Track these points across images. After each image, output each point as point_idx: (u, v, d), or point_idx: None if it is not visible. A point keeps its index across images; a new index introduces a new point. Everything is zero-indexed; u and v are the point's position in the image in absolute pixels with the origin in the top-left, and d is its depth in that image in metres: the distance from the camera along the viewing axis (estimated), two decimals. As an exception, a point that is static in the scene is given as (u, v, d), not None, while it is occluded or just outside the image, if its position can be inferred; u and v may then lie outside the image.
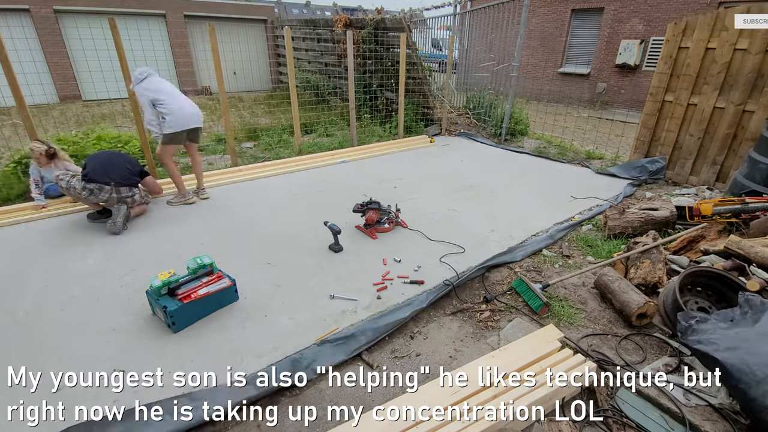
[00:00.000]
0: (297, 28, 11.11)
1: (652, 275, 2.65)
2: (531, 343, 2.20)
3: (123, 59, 4.36)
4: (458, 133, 7.35)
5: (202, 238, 3.48)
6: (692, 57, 4.47)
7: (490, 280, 2.95)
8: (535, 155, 6.14)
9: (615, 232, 3.43)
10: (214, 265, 2.64)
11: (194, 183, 4.46)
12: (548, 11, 12.41)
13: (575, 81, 12.27)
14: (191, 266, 2.55)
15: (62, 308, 2.59)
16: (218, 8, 13.16)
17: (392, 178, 5.03)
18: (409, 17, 8.94)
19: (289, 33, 5.37)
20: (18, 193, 4.26)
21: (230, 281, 2.60)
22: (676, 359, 2.15)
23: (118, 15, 10.54)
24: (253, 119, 8.57)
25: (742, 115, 4.25)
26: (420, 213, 3.99)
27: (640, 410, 1.90)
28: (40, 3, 10.60)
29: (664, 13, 10.05)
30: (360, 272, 3.00)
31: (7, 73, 3.91)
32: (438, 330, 2.47)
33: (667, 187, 4.80)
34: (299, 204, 4.24)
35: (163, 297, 2.41)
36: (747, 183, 3.68)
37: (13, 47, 4.43)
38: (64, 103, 10.99)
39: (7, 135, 6.74)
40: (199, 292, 2.45)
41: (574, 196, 4.44)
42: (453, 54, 7.29)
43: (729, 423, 1.80)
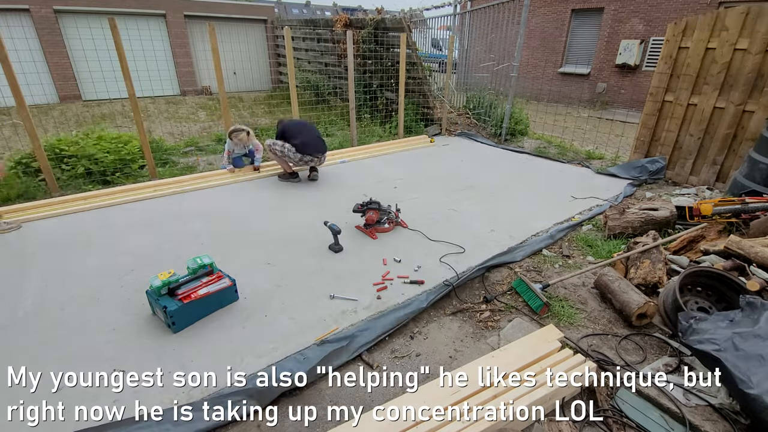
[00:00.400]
0: (297, 28, 11.11)
1: (652, 275, 2.65)
2: (531, 343, 2.20)
3: (123, 59, 4.37)
4: (458, 133, 7.35)
5: (202, 238, 3.48)
6: (692, 57, 4.47)
7: (490, 280, 2.95)
8: (535, 155, 6.14)
9: (615, 232, 3.43)
10: (214, 265, 2.63)
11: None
12: (548, 11, 12.41)
13: (575, 81, 12.27)
14: (191, 266, 2.55)
15: (62, 308, 2.59)
16: (218, 8, 13.16)
17: (392, 178, 5.03)
18: (409, 17, 8.93)
19: (289, 33, 5.37)
20: (18, 193, 4.26)
21: (230, 281, 2.60)
22: (676, 359, 2.15)
23: (118, 15, 10.55)
24: (253, 119, 8.57)
25: (742, 115, 4.25)
26: (420, 213, 3.99)
27: (640, 410, 1.90)
28: (40, 3, 10.60)
29: (664, 13, 10.05)
30: (360, 272, 3.00)
31: (7, 73, 3.91)
32: (438, 330, 2.47)
33: (667, 187, 4.80)
34: (299, 204, 4.24)
35: (163, 297, 2.40)
36: (747, 183, 3.67)
37: (13, 47, 4.43)
38: (64, 103, 10.99)
39: (7, 135, 6.74)
40: (199, 292, 2.45)
41: (574, 196, 4.44)
42: (453, 54, 7.29)
43: (729, 423, 1.80)
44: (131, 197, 4.27)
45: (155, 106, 10.66)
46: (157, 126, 7.84)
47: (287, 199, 4.36)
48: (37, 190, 4.37)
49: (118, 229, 3.66)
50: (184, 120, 8.97)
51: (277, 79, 13.80)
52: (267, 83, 13.95)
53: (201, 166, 5.36)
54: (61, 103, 11.06)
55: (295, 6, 34.55)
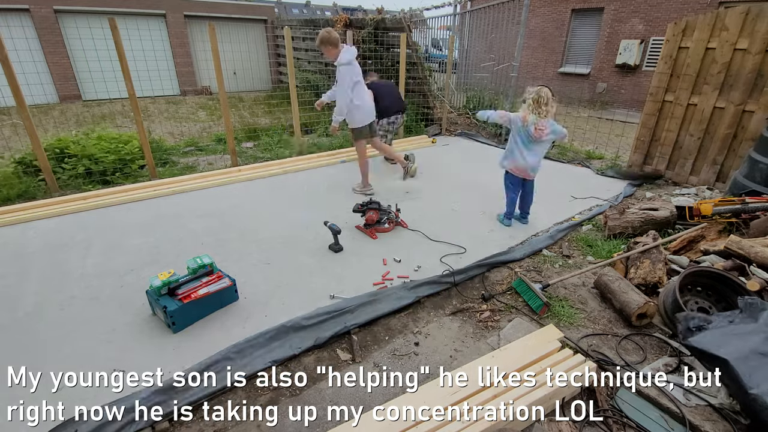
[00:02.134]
0: (297, 28, 11.11)
1: (652, 275, 2.65)
2: (531, 343, 2.20)
3: (123, 59, 4.37)
4: (458, 133, 7.35)
5: (202, 238, 3.48)
6: (692, 57, 4.47)
7: (490, 280, 2.95)
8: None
9: (615, 232, 3.43)
10: (214, 265, 2.63)
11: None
12: (548, 11, 12.40)
13: (575, 81, 12.27)
14: (191, 266, 2.54)
15: (62, 308, 2.59)
16: (218, 8, 13.17)
17: (392, 177, 5.03)
18: (409, 17, 8.93)
19: (289, 33, 5.37)
20: (18, 193, 4.26)
21: (230, 281, 2.59)
22: (676, 359, 2.15)
23: (118, 15, 10.54)
24: (253, 119, 8.58)
25: (742, 115, 4.24)
26: (420, 213, 3.99)
27: (640, 410, 1.90)
28: (40, 3, 10.61)
29: (664, 13, 10.05)
30: (360, 272, 3.00)
31: (7, 73, 3.91)
32: (438, 330, 2.47)
33: (667, 187, 4.80)
34: (300, 203, 4.24)
35: (163, 297, 2.40)
36: (747, 183, 3.67)
37: (13, 47, 4.42)
38: (64, 103, 11.00)
39: (7, 135, 6.74)
40: (199, 292, 2.44)
41: (574, 196, 4.44)
42: (453, 54, 7.29)
43: (729, 423, 1.80)
44: (131, 197, 4.27)
45: (155, 106, 10.67)
46: (157, 126, 7.84)
47: (287, 199, 4.36)
48: (37, 190, 4.37)
49: (118, 229, 3.66)
50: (184, 120, 8.97)
51: (277, 78, 13.81)
52: (267, 83, 13.95)
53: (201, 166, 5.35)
54: (61, 103, 11.06)
55: (295, 6, 34.54)
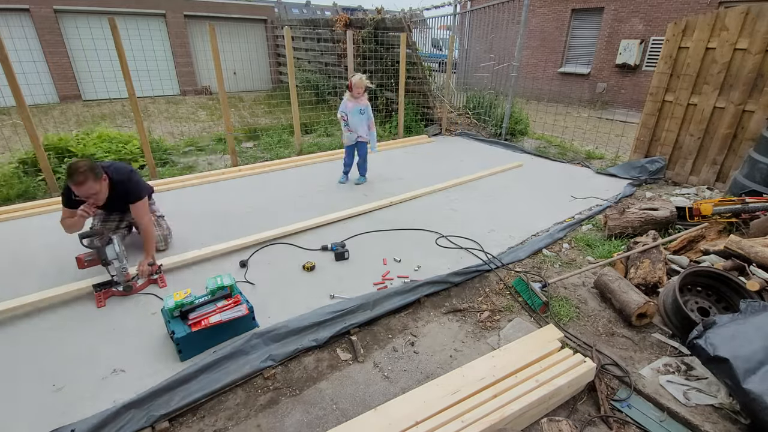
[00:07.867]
0: (297, 27, 11.10)
1: (652, 275, 2.65)
2: (531, 343, 2.20)
3: (123, 59, 4.36)
4: (458, 133, 7.35)
5: (202, 237, 3.48)
6: (692, 57, 4.47)
7: (489, 280, 2.95)
8: (535, 155, 6.14)
9: (615, 232, 3.43)
10: (235, 287, 2.42)
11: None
12: (548, 11, 12.40)
13: (575, 81, 12.27)
14: (210, 286, 2.37)
15: (62, 308, 2.59)
16: (218, 8, 13.15)
17: (392, 177, 5.03)
18: (409, 17, 8.93)
19: (289, 33, 5.37)
20: (18, 193, 4.26)
21: (247, 309, 2.32)
22: (676, 359, 2.16)
23: (118, 15, 10.54)
24: (253, 119, 8.58)
25: (742, 115, 4.25)
26: (420, 213, 3.99)
27: (640, 410, 1.90)
28: (40, 3, 10.60)
29: (664, 13, 10.04)
30: (360, 272, 3.00)
31: (7, 73, 3.91)
32: (438, 330, 2.47)
33: (667, 187, 4.80)
34: (300, 203, 4.24)
35: (175, 320, 2.23)
36: (747, 183, 3.68)
37: (13, 47, 4.42)
38: (64, 103, 10.99)
39: (7, 135, 6.74)
40: (210, 319, 2.21)
41: (574, 196, 4.44)
42: (453, 54, 7.29)
43: (729, 423, 1.80)
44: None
45: (155, 106, 10.66)
46: (157, 126, 7.83)
47: (287, 198, 4.36)
48: (37, 190, 4.37)
49: (118, 229, 3.65)
50: (184, 120, 8.96)
51: (277, 78, 13.80)
52: (267, 83, 13.95)
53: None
54: (61, 103, 11.06)
55: (295, 6, 34.55)
